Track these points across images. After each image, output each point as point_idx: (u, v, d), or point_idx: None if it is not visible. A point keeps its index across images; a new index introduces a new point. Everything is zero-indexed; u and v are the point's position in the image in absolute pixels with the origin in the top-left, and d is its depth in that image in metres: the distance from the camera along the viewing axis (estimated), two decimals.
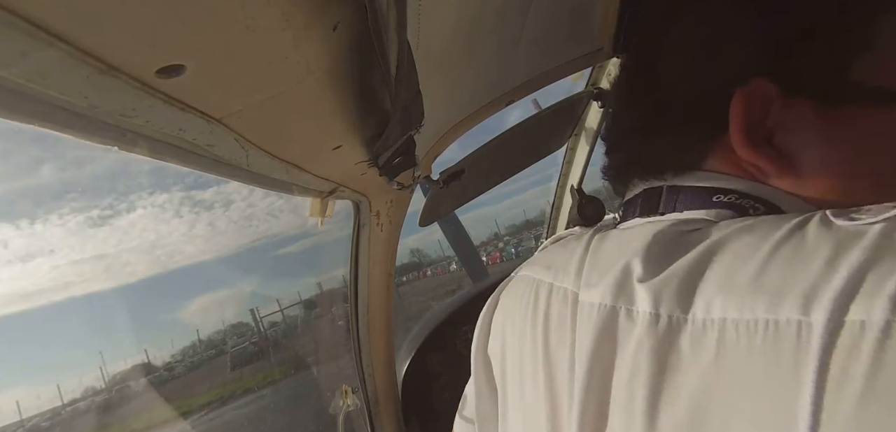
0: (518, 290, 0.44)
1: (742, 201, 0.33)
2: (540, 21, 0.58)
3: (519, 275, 0.47)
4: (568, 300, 0.36)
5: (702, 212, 0.34)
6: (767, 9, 0.31)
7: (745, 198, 0.33)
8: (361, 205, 0.84)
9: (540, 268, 0.42)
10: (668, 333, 0.26)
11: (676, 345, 0.26)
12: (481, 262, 2.79)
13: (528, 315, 0.40)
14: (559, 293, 0.37)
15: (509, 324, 0.44)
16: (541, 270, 0.42)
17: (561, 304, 0.36)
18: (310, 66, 0.35)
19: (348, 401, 1.12)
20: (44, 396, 23.63)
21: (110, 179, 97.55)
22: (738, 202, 0.33)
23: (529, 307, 0.40)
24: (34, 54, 0.21)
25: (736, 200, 0.33)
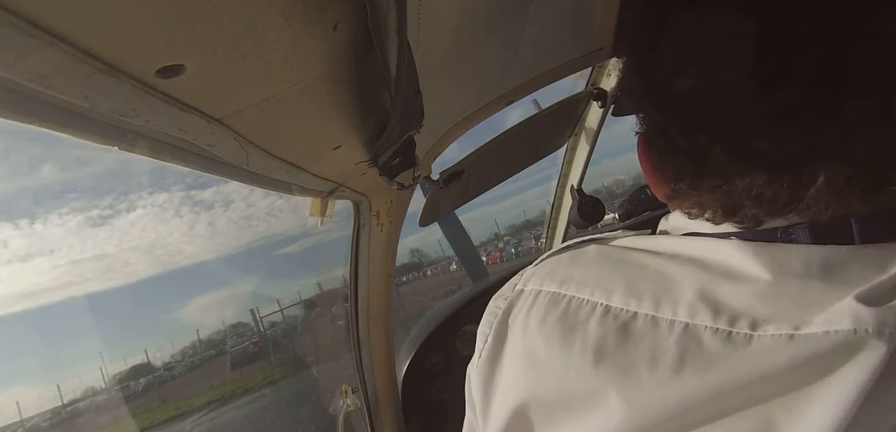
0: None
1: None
2: (540, 21, 0.58)
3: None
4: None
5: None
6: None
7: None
8: (361, 205, 0.84)
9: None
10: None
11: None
12: (481, 262, 2.79)
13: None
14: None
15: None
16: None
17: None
18: (310, 65, 0.35)
19: (348, 401, 1.12)
20: (44, 396, 23.61)
21: (110, 179, 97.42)
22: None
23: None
24: (34, 54, 0.21)
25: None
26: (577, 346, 0.33)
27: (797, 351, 0.27)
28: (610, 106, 1.08)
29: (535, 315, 0.36)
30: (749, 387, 0.28)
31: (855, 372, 0.26)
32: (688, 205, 0.36)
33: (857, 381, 0.26)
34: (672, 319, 0.30)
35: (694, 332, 0.30)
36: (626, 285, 0.33)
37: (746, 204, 0.32)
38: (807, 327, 0.27)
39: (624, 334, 0.31)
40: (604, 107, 1.09)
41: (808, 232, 0.30)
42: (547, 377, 0.34)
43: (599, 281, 0.34)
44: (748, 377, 0.28)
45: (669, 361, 0.29)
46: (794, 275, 0.29)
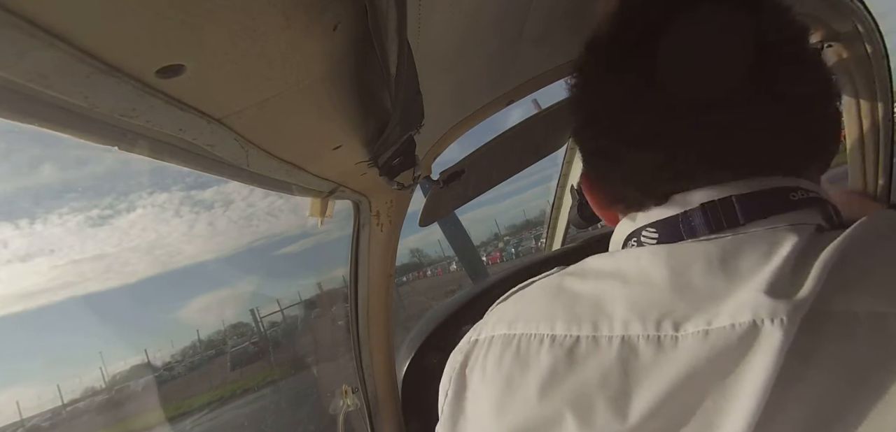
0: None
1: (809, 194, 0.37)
2: (540, 21, 0.58)
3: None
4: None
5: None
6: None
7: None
8: (361, 205, 0.84)
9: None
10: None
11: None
12: (481, 262, 2.79)
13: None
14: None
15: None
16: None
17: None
18: (310, 65, 0.35)
19: (348, 401, 1.12)
20: (44, 396, 23.57)
21: (110, 179, 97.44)
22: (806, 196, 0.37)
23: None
24: (34, 54, 0.21)
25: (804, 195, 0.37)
26: (532, 379, 0.34)
27: (712, 347, 0.29)
28: None
29: (491, 359, 0.38)
30: (684, 390, 0.29)
31: (759, 360, 0.28)
32: (612, 213, 0.43)
33: (763, 370, 0.27)
34: (610, 335, 0.32)
35: (630, 343, 0.32)
36: (565, 313, 0.35)
37: (650, 184, 0.38)
38: (717, 321, 0.29)
39: (571, 359, 0.33)
40: None
41: (702, 215, 0.35)
42: (510, 414, 0.35)
43: (543, 314, 0.36)
44: (680, 378, 0.29)
45: (615, 377, 0.31)
46: (701, 271, 0.32)
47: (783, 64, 0.35)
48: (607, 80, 0.40)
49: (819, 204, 0.36)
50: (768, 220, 0.34)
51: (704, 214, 0.35)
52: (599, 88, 0.41)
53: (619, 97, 0.38)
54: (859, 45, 0.90)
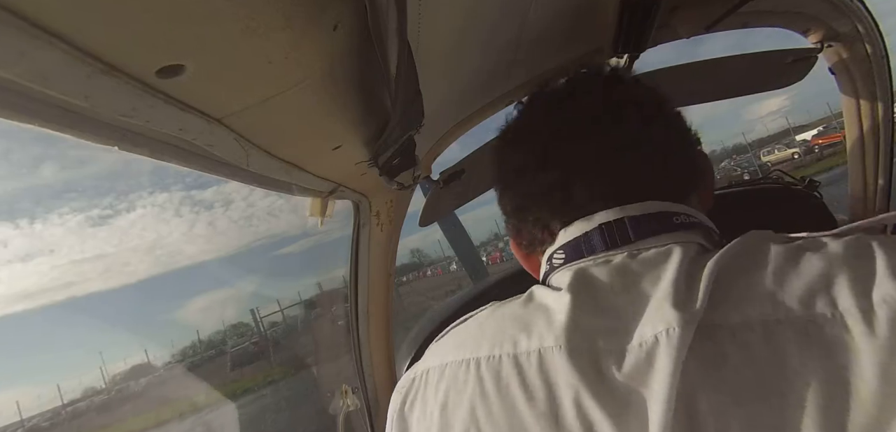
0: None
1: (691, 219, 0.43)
2: (540, 21, 0.58)
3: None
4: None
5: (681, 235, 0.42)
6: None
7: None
8: (361, 205, 0.84)
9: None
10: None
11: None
12: (481, 262, 2.79)
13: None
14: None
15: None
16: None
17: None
18: (310, 65, 0.35)
19: (348, 401, 1.12)
20: (44, 396, 23.55)
21: (110, 179, 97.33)
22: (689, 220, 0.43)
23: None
24: (34, 54, 0.21)
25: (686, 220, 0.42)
26: (465, 402, 0.37)
27: (628, 364, 0.32)
28: None
29: (429, 392, 0.41)
30: (605, 404, 0.32)
31: (662, 371, 0.30)
32: (534, 258, 0.48)
33: (666, 377, 0.30)
34: (528, 350, 0.36)
35: (547, 357, 0.35)
36: (492, 337, 0.39)
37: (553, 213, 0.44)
38: (625, 338, 0.33)
39: (498, 378, 0.36)
40: None
41: (600, 235, 0.40)
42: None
43: (473, 341, 0.40)
44: (614, 391, 0.32)
45: (539, 390, 0.34)
46: (612, 290, 0.36)
47: (645, 121, 0.43)
48: (512, 154, 0.49)
49: (700, 227, 0.41)
50: (658, 239, 0.39)
51: (602, 233, 0.40)
52: (508, 159, 0.49)
53: (518, 162, 0.47)
54: (859, 45, 0.90)
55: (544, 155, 0.44)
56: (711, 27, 0.76)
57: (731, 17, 0.73)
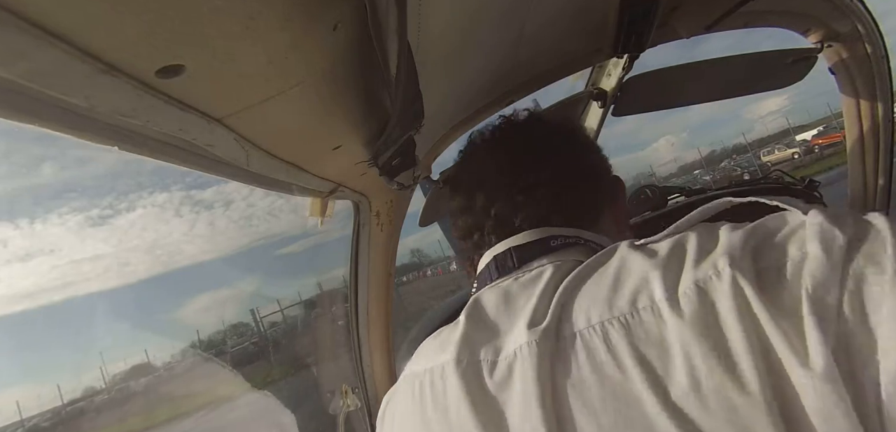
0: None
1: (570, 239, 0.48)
2: (540, 21, 0.58)
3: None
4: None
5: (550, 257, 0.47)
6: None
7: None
8: (361, 205, 0.84)
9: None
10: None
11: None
12: None
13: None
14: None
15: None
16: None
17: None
18: (310, 66, 0.35)
19: (348, 401, 1.12)
20: (44, 396, 23.51)
21: (110, 179, 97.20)
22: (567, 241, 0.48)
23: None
24: (34, 54, 0.21)
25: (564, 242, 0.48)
26: (408, 416, 0.43)
27: (497, 375, 0.37)
28: (610, 106, 1.08)
29: (396, 403, 0.48)
30: (480, 412, 0.37)
31: (519, 382, 0.36)
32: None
33: (522, 390, 0.35)
34: (441, 364, 0.41)
35: (441, 371, 0.41)
36: (429, 354, 0.45)
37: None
38: (499, 352, 0.39)
39: (423, 392, 0.42)
40: (604, 107, 1.09)
41: (494, 264, 0.48)
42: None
43: (427, 353, 0.45)
44: (486, 401, 0.37)
45: (441, 403, 0.40)
46: (496, 311, 0.43)
47: (542, 165, 0.50)
48: (450, 200, 0.57)
49: (580, 246, 0.46)
50: (535, 262, 0.45)
51: (495, 263, 0.48)
52: (449, 203, 0.58)
53: (453, 207, 0.56)
54: (859, 45, 0.90)
55: (467, 201, 0.53)
56: (711, 27, 0.76)
57: (731, 17, 0.73)
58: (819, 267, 0.28)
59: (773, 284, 0.29)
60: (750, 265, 0.30)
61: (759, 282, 0.29)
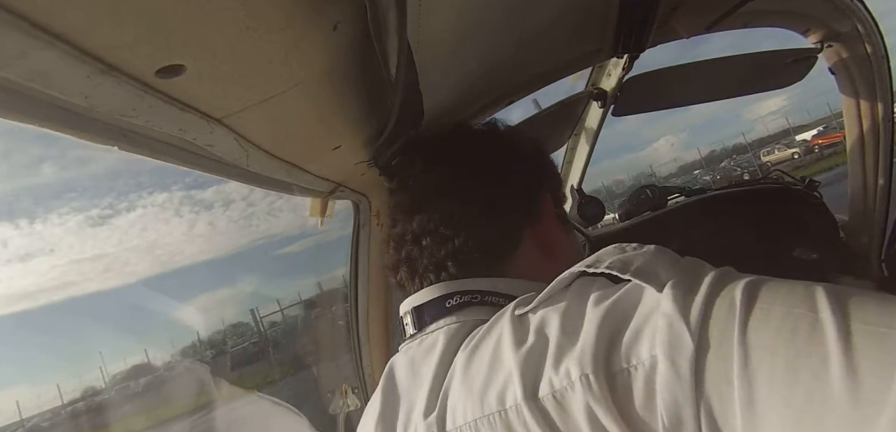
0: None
1: (466, 297, 0.45)
2: (540, 21, 0.58)
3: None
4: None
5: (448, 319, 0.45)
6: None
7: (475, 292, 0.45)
8: (361, 205, 0.84)
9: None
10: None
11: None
12: None
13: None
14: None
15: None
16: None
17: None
18: (310, 66, 0.35)
19: (348, 401, 1.12)
20: (44, 396, 23.50)
21: (110, 179, 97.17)
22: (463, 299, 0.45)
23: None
24: (34, 54, 0.21)
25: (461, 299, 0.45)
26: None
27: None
28: (610, 106, 1.08)
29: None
30: None
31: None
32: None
33: None
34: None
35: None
36: (362, 423, 0.46)
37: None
38: (409, 424, 0.39)
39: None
40: (604, 107, 1.09)
41: (410, 318, 0.46)
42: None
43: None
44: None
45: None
46: (405, 381, 0.43)
47: (443, 199, 0.47)
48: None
49: (474, 306, 0.44)
50: (435, 324, 0.44)
51: (406, 319, 0.47)
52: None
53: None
54: (859, 45, 0.90)
55: (390, 227, 0.51)
56: (711, 27, 0.76)
57: (731, 17, 0.73)
58: (668, 384, 0.26)
59: (626, 395, 0.28)
60: (603, 369, 0.29)
61: (612, 392, 0.29)
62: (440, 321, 0.44)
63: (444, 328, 0.43)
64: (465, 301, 0.44)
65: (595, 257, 0.36)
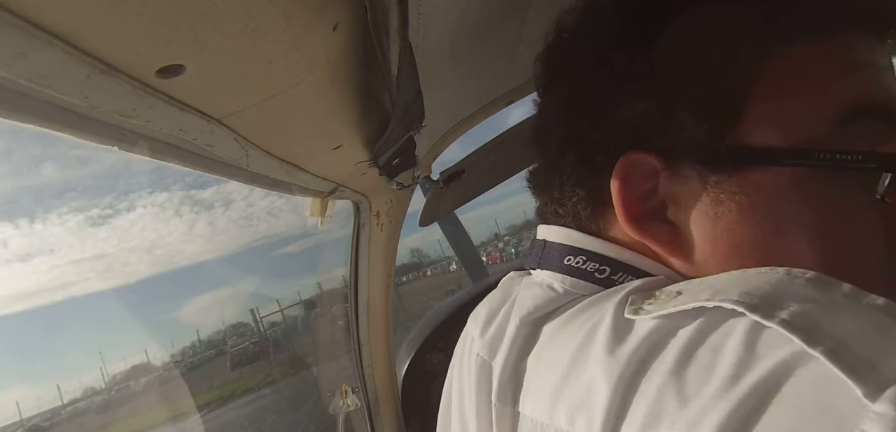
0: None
1: (589, 265, 0.33)
2: (541, 20, 0.58)
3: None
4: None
5: (556, 276, 0.34)
6: (635, 87, 0.30)
7: (601, 260, 0.32)
8: (361, 205, 0.84)
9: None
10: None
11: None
12: (481, 262, 2.78)
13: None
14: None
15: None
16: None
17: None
18: (310, 66, 0.35)
19: (348, 401, 1.12)
20: (44, 396, 23.52)
21: (110, 179, 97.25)
22: (585, 266, 0.33)
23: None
24: (34, 54, 0.21)
25: (583, 264, 0.33)
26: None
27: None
28: None
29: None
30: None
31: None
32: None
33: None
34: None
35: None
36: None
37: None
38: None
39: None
40: None
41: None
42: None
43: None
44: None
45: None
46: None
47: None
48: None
49: (591, 282, 0.36)
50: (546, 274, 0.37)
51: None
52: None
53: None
54: None
55: (541, 122, 0.41)
56: None
57: None
58: None
59: None
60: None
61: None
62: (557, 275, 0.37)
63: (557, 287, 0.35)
64: (580, 269, 0.35)
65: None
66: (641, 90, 0.30)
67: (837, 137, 0.27)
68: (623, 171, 0.31)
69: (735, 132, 0.28)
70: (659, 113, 0.30)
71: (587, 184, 0.34)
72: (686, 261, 0.30)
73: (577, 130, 0.33)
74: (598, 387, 0.24)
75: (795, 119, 0.27)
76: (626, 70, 0.30)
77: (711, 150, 0.29)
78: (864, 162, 0.26)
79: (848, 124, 0.27)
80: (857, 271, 0.25)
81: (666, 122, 0.29)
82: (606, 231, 0.34)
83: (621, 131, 0.31)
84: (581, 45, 0.34)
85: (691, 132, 0.29)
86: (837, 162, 0.26)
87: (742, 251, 0.28)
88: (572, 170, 0.34)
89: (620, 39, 0.31)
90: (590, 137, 0.33)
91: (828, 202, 0.27)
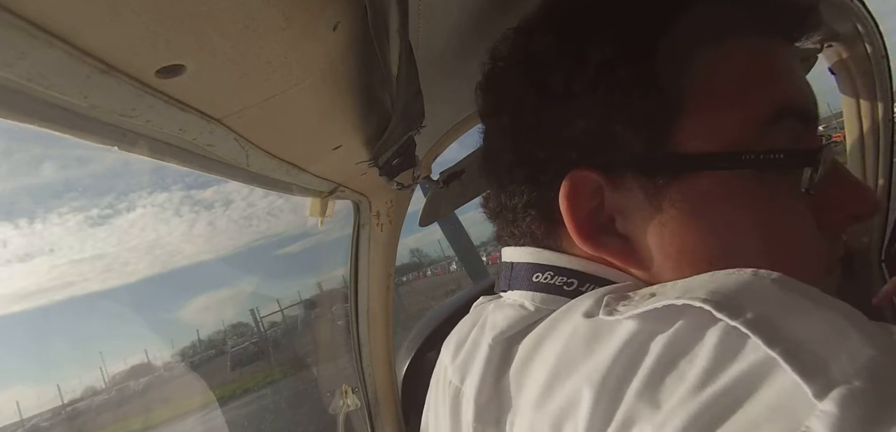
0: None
1: (557, 279, 0.33)
2: None
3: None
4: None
5: (526, 294, 0.34)
6: (573, 105, 0.31)
7: (568, 274, 0.33)
8: (361, 205, 0.84)
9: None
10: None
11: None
12: (481, 262, 2.79)
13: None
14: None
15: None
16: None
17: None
18: (310, 65, 0.35)
19: (348, 401, 1.12)
20: (44, 396, 23.53)
21: (110, 179, 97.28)
22: (553, 281, 0.33)
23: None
24: (34, 54, 0.21)
25: (552, 279, 0.33)
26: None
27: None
28: None
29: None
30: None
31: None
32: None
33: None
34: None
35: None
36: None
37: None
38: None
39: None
40: None
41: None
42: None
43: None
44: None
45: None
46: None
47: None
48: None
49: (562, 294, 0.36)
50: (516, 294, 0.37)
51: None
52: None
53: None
54: (859, 45, 0.90)
55: (489, 146, 0.44)
56: None
57: None
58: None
59: None
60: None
61: None
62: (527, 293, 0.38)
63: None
64: (547, 282, 0.36)
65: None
66: (579, 108, 0.31)
67: (765, 139, 0.28)
68: (569, 190, 0.31)
69: (670, 141, 0.29)
70: (598, 128, 0.31)
71: (539, 204, 0.35)
72: (644, 270, 0.31)
73: (524, 153, 0.34)
74: (582, 395, 0.24)
75: (726, 124, 0.29)
76: (563, 90, 0.31)
77: (649, 160, 0.30)
78: (788, 159, 0.28)
79: (774, 125, 0.29)
80: (795, 263, 0.27)
81: (605, 137, 0.31)
82: (565, 248, 0.35)
83: (565, 150, 0.32)
84: (517, 71, 0.35)
85: (629, 144, 0.30)
86: (764, 162, 0.28)
87: (689, 256, 0.29)
88: (523, 192, 0.35)
89: (554, 61, 0.32)
90: (537, 158, 0.34)
91: (762, 201, 0.29)
